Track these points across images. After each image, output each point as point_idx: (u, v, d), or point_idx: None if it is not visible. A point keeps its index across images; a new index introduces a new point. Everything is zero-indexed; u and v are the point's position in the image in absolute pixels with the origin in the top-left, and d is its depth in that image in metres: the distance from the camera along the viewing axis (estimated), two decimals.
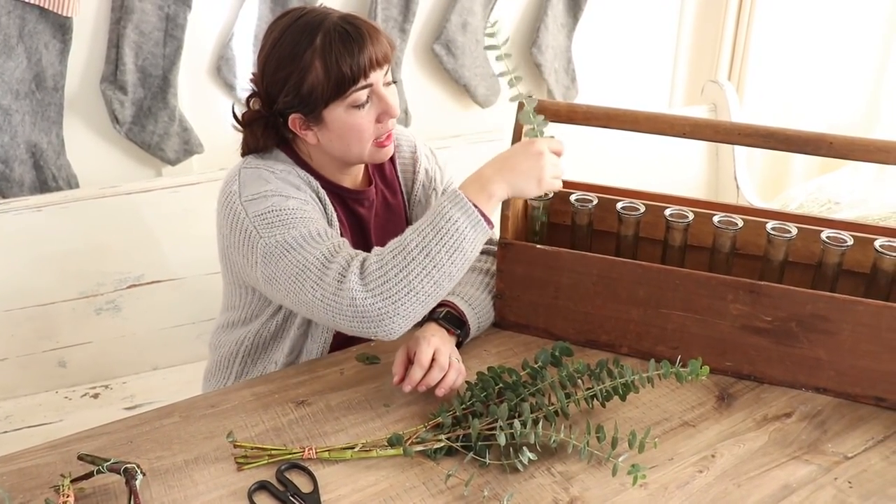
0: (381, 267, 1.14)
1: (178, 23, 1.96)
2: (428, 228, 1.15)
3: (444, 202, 1.16)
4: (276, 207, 1.22)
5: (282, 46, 1.24)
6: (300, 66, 1.23)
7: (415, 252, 1.13)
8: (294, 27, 1.24)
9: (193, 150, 2.08)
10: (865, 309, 1.16)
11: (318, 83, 1.23)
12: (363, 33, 1.23)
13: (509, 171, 1.19)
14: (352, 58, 1.21)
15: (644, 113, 1.30)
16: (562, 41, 2.57)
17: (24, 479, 1.05)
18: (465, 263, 1.17)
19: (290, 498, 1.02)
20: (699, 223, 1.31)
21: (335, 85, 1.22)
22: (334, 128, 1.27)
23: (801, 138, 1.21)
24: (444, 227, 1.14)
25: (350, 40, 1.21)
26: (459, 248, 1.15)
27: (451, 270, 1.15)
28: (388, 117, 1.28)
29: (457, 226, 1.14)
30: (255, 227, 1.22)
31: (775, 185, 3.02)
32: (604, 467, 1.08)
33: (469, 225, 1.15)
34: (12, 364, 1.87)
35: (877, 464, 1.11)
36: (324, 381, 1.26)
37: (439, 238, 1.14)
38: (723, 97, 2.54)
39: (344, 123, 1.26)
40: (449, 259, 1.14)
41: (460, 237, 1.15)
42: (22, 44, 1.82)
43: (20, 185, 1.90)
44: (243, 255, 1.25)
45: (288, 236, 1.20)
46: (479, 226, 1.16)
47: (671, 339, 1.29)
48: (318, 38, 1.22)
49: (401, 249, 1.14)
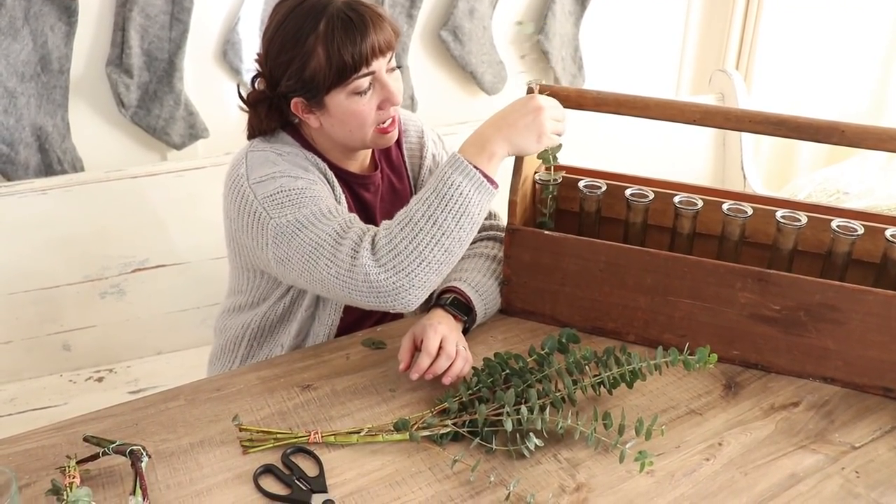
0: (389, 241, 1.13)
1: (185, 6, 1.95)
2: (432, 196, 1.14)
3: (446, 168, 1.16)
4: (286, 188, 1.22)
5: (285, 29, 1.24)
6: (303, 51, 1.22)
7: (422, 222, 1.13)
8: (298, 10, 1.23)
9: (199, 135, 2.08)
10: (875, 299, 1.16)
11: (320, 69, 1.22)
12: (366, 20, 1.22)
13: (508, 128, 1.18)
14: (354, 46, 1.20)
15: (654, 99, 1.29)
16: (569, 29, 2.56)
17: (29, 461, 1.05)
18: (474, 227, 1.17)
19: (295, 481, 1.02)
20: (708, 211, 1.30)
21: (337, 72, 1.22)
22: (336, 113, 1.26)
23: (813, 126, 1.20)
24: (447, 193, 1.14)
25: (353, 28, 1.21)
26: (466, 213, 1.14)
27: (461, 236, 1.15)
28: (389, 105, 1.28)
29: (460, 190, 1.14)
30: (265, 208, 1.22)
31: (782, 175, 3.01)
32: (610, 454, 1.08)
33: (472, 188, 1.15)
34: (17, 347, 1.87)
35: (884, 454, 1.10)
36: (329, 365, 1.26)
37: (444, 205, 1.13)
38: (730, 86, 2.52)
39: (346, 110, 1.26)
40: (456, 225, 1.14)
41: (465, 201, 1.14)
42: (27, 26, 1.81)
43: (25, 168, 1.89)
44: (252, 237, 1.25)
45: (299, 215, 1.20)
46: (483, 187, 1.16)
47: (678, 327, 1.28)
48: (322, 24, 1.21)
49: (407, 221, 1.14)
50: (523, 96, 1.23)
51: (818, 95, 2.92)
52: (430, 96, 2.38)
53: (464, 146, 1.19)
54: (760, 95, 2.84)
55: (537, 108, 1.19)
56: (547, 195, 1.37)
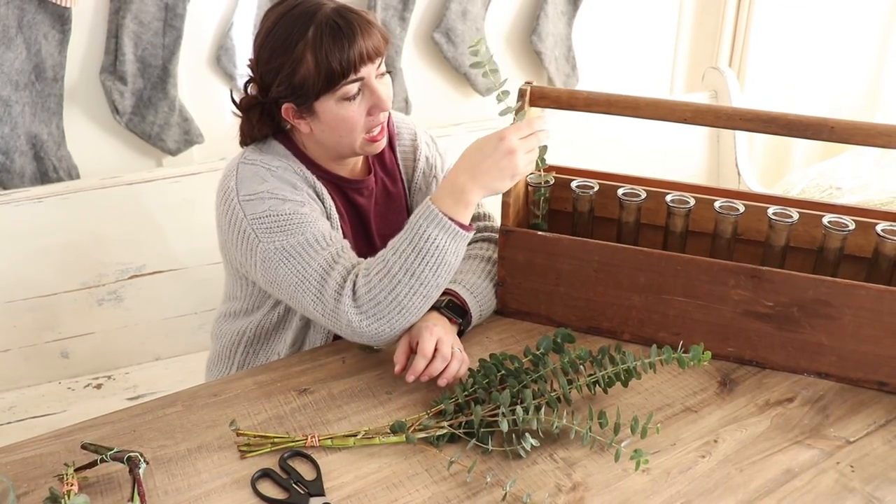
0: (369, 291, 1.17)
1: (178, 13, 1.95)
2: (409, 249, 1.17)
3: (421, 220, 1.17)
4: (273, 211, 1.24)
5: (276, 35, 1.24)
6: (292, 57, 1.23)
7: (399, 274, 1.16)
8: (288, 17, 1.24)
9: (194, 140, 2.08)
10: (867, 293, 1.16)
11: (309, 75, 1.23)
12: (354, 27, 1.22)
13: (483, 175, 1.18)
14: (342, 52, 1.21)
15: (645, 99, 1.29)
16: (562, 29, 2.56)
17: (27, 469, 1.05)
18: (451, 270, 1.20)
19: (293, 485, 1.02)
20: (700, 209, 1.31)
21: (325, 79, 1.22)
22: (325, 119, 1.27)
23: (803, 123, 1.21)
24: (423, 246, 1.16)
25: (340, 35, 1.21)
26: (442, 262, 1.18)
27: (438, 282, 1.19)
28: (379, 111, 1.28)
29: (436, 244, 1.16)
30: (254, 229, 1.24)
31: (776, 172, 3.01)
32: (606, 453, 1.09)
33: (448, 239, 1.17)
34: (15, 355, 1.88)
35: (879, 448, 1.11)
36: (326, 369, 1.26)
37: (421, 258, 1.16)
38: (724, 84, 2.53)
39: (335, 115, 1.26)
40: (433, 274, 1.18)
41: (441, 252, 1.17)
42: (21, 34, 1.82)
43: (21, 176, 1.90)
44: (242, 253, 1.27)
45: (286, 243, 1.22)
46: (459, 236, 1.18)
47: (673, 325, 1.29)
48: (311, 31, 1.21)
49: (386, 272, 1.17)
50: (495, 135, 1.19)
51: (811, 92, 2.93)
52: (423, 98, 2.39)
53: (439, 195, 1.19)
54: (754, 92, 2.85)
55: (510, 151, 1.17)
56: (539, 197, 1.37)
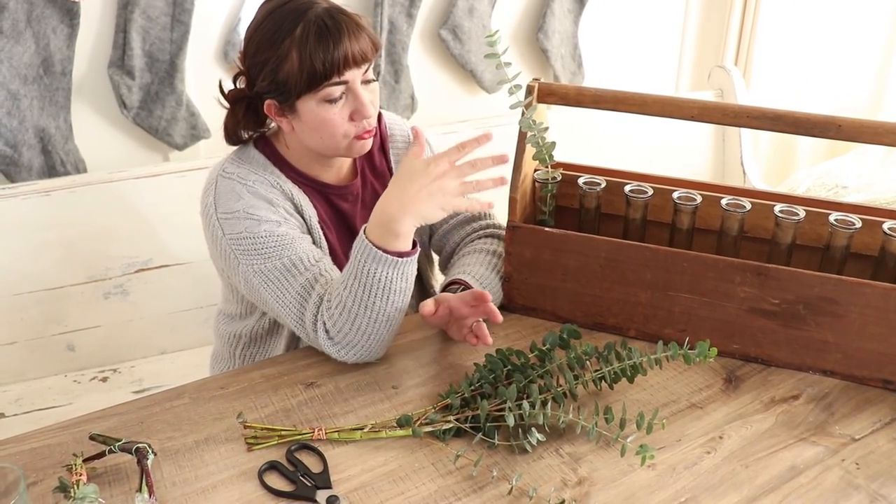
0: (334, 325, 1.20)
1: (186, 8, 1.95)
2: (356, 285, 1.18)
3: (359, 255, 1.17)
4: (250, 233, 1.24)
5: (264, 29, 1.24)
6: (277, 52, 1.22)
7: (355, 308, 1.18)
8: (279, 12, 1.23)
9: (200, 135, 2.09)
10: (873, 291, 1.16)
11: (292, 73, 1.22)
12: (342, 29, 1.21)
13: (411, 203, 1.16)
14: (326, 53, 1.20)
15: (652, 96, 1.30)
16: (568, 27, 2.57)
17: (36, 459, 1.06)
18: (405, 293, 1.21)
19: (300, 478, 1.03)
20: (707, 206, 1.31)
21: (308, 78, 1.21)
22: (307, 119, 1.26)
23: (810, 121, 1.21)
24: (368, 281, 1.17)
25: (327, 35, 1.20)
26: (391, 291, 1.19)
27: (396, 307, 1.20)
28: (361, 117, 1.26)
29: (378, 276, 1.17)
30: (233, 249, 1.26)
31: (782, 171, 3.01)
32: (612, 448, 1.09)
33: (389, 269, 1.17)
34: (21, 348, 1.88)
35: (884, 445, 1.11)
36: (332, 363, 1.27)
37: (369, 291, 1.17)
38: (729, 82, 2.53)
39: (316, 117, 1.25)
40: (387, 301, 1.19)
41: (387, 283, 1.18)
42: (30, 29, 1.82)
43: (29, 169, 1.91)
44: (227, 268, 1.30)
45: (264, 267, 1.24)
46: (400, 264, 1.18)
47: (679, 321, 1.29)
48: (299, 28, 1.21)
49: (343, 308, 1.19)
50: (428, 159, 1.17)
51: (817, 90, 2.92)
52: (429, 95, 2.39)
53: (370, 225, 1.18)
54: (759, 91, 2.85)
55: (439, 175, 1.16)
56: (546, 193, 1.38)
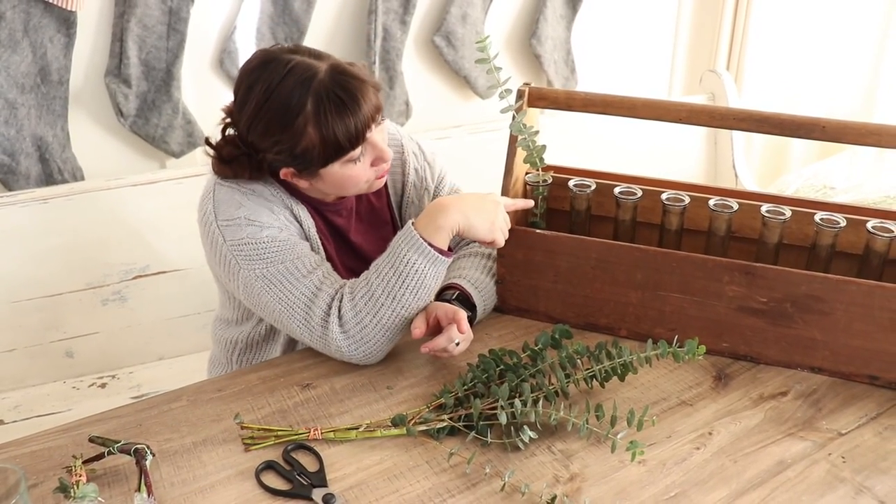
0: (356, 315, 1.20)
1: (181, 16, 1.97)
2: (390, 273, 1.20)
3: (401, 244, 1.20)
4: (252, 239, 1.24)
5: (270, 109, 1.19)
6: (292, 131, 1.19)
7: (382, 297, 1.20)
8: (282, 87, 1.18)
9: (197, 143, 2.10)
10: (858, 289, 1.18)
11: (312, 147, 1.20)
12: (356, 97, 1.19)
13: (467, 206, 1.23)
14: (348, 126, 1.19)
15: (641, 99, 1.32)
16: (561, 32, 2.59)
17: (36, 462, 1.08)
18: (430, 295, 1.24)
19: (296, 477, 1.05)
20: (695, 207, 1.33)
21: (333, 152, 1.21)
22: (330, 180, 1.27)
23: (794, 122, 1.23)
24: (404, 270, 1.19)
25: (344, 108, 1.19)
26: (422, 286, 1.21)
27: (417, 305, 1.23)
28: (381, 161, 1.28)
29: (416, 268, 1.20)
30: (234, 256, 1.26)
31: (773, 174, 3.03)
32: (603, 445, 1.11)
33: (427, 263, 1.20)
34: (20, 354, 1.90)
35: (869, 439, 1.13)
36: (328, 364, 1.28)
37: (402, 282, 1.20)
38: (721, 87, 2.55)
39: (341, 176, 1.26)
40: (415, 297, 1.21)
41: (421, 276, 1.20)
42: (27, 38, 1.84)
43: (26, 177, 1.92)
44: (225, 275, 1.30)
45: (267, 272, 1.24)
46: (438, 261, 1.21)
47: (669, 321, 1.31)
48: (310, 104, 1.18)
49: (370, 296, 1.20)
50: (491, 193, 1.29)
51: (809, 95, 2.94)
52: (424, 101, 2.41)
53: (419, 219, 1.23)
54: (751, 95, 2.87)
55: (496, 203, 1.26)
56: (538, 195, 1.40)
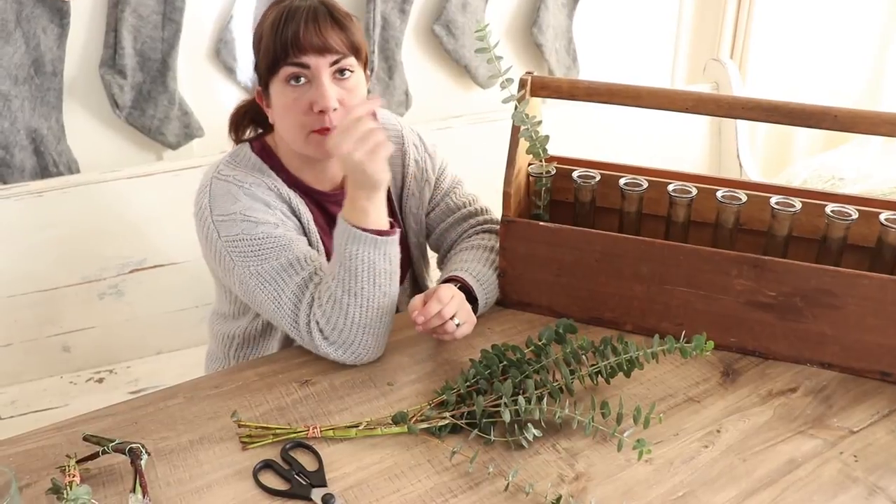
0: (328, 321, 1.19)
1: (177, 6, 1.94)
2: (341, 271, 1.18)
3: (340, 241, 1.18)
4: (247, 235, 1.23)
5: (263, 15, 1.27)
6: (259, 33, 1.26)
7: (345, 298, 1.18)
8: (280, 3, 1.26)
9: (194, 134, 2.08)
10: (870, 283, 1.16)
11: (263, 53, 1.25)
12: (316, 16, 1.21)
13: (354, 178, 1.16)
14: (288, 33, 1.21)
15: (646, 88, 1.29)
16: (562, 21, 2.56)
17: (30, 461, 1.05)
18: (391, 276, 1.21)
19: (295, 476, 1.02)
20: (702, 198, 1.31)
21: (272, 59, 1.23)
22: (275, 105, 1.27)
23: (805, 111, 1.21)
24: (351, 265, 1.18)
25: (296, 18, 1.21)
26: (376, 272, 1.19)
27: (383, 291, 1.20)
28: (317, 107, 1.23)
29: (361, 258, 1.17)
30: (229, 252, 1.25)
31: (778, 164, 3.01)
32: (609, 443, 1.08)
33: (370, 249, 1.18)
34: (16, 350, 1.87)
35: (882, 437, 1.10)
36: (327, 361, 1.26)
37: (355, 276, 1.18)
38: (725, 75, 2.52)
39: (279, 99, 1.26)
40: (373, 286, 1.19)
41: (370, 264, 1.18)
42: (20, 28, 1.81)
43: (21, 170, 1.90)
44: (221, 270, 1.29)
45: (261, 269, 1.23)
46: (380, 242, 1.18)
47: (675, 315, 1.29)
48: (278, 10, 1.23)
49: (334, 300, 1.19)
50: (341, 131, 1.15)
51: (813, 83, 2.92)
52: (424, 91, 2.38)
53: (344, 208, 1.20)
54: (755, 84, 2.84)
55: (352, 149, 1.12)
56: (541, 187, 1.37)
